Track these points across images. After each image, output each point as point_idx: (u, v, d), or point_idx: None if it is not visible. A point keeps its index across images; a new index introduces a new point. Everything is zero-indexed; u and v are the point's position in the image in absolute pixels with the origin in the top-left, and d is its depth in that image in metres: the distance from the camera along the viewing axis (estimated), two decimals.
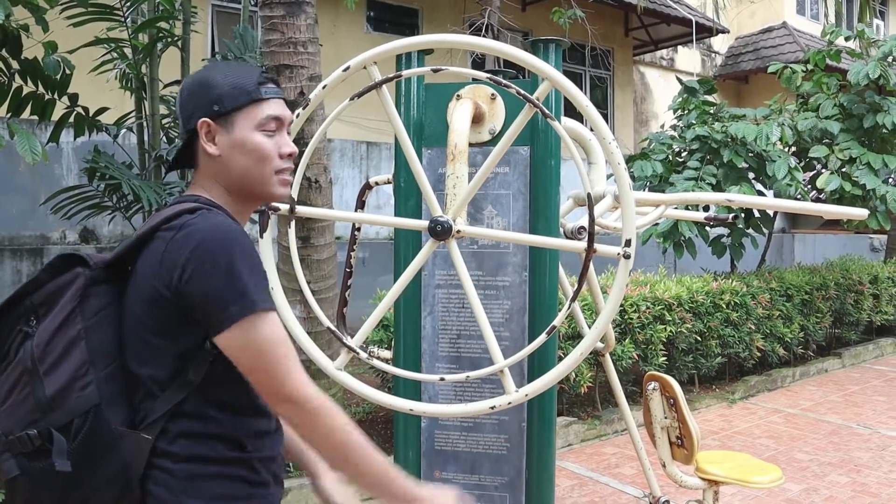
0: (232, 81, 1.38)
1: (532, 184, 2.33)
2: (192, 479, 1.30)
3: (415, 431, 2.48)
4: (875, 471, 4.70)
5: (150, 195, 4.25)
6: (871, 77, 6.94)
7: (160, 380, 1.31)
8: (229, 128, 1.37)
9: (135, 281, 1.33)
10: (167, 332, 1.30)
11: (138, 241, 1.32)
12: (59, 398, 1.24)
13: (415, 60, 2.39)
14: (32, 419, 1.24)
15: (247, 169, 1.39)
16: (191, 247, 1.25)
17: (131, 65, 4.85)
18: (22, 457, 1.25)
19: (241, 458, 1.34)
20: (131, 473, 1.28)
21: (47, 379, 1.25)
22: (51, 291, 1.31)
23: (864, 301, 8.10)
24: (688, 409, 2.85)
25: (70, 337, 1.27)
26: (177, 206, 1.34)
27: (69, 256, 1.34)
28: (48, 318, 1.29)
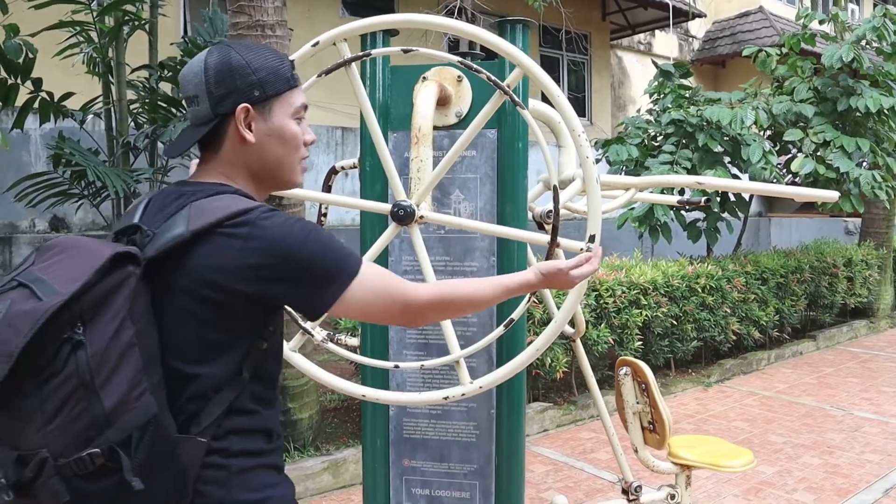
0: (270, 66, 1.34)
1: (500, 167, 2.28)
2: (242, 474, 1.30)
3: (383, 419, 2.44)
4: (847, 452, 4.75)
5: (117, 182, 4.16)
6: (844, 60, 6.97)
7: (218, 379, 1.28)
8: (266, 114, 1.34)
9: (187, 278, 1.25)
10: (234, 332, 1.28)
11: (193, 236, 1.24)
12: (117, 412, 1.15)
13: (380, 42, 2.33)
14: (88, 437, 1.14)
15: (280, 157, 1.38)
16: (278, 248, 1.25)
17: (97, 49, 4.73)
18: (77, 479, 1.14)
19: (272, 448, 1.37)
20: (188, 479, 1.25)
21: (104, 392, 1.14)
22: (102, 294, 1.17)
23: (838, 284, 8.17)
24: (659, 394, 2.84)
25: (124, 344, 1.17)
26: (227, 199, 1.29)
27: (123, 255, 1.21)
28: (100, 324, 1.16)
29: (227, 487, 1.28)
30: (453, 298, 1.40)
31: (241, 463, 1.30)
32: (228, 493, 1.28)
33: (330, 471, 4.11)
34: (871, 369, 7.10)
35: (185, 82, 1.36)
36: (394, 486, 2.47)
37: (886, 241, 9.38)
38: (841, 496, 4.03)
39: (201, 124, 1.35)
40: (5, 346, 1.10)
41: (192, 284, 1.25)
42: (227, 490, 1.28)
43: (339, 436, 4.57)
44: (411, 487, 2.47)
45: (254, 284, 1.25)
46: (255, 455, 1.33)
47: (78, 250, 1.22)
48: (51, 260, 1.21)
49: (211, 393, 1.27)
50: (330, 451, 4.30)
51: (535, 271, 1.51)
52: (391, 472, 2.47)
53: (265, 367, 1.35)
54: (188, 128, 1.38)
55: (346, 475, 4.14)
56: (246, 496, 1.30)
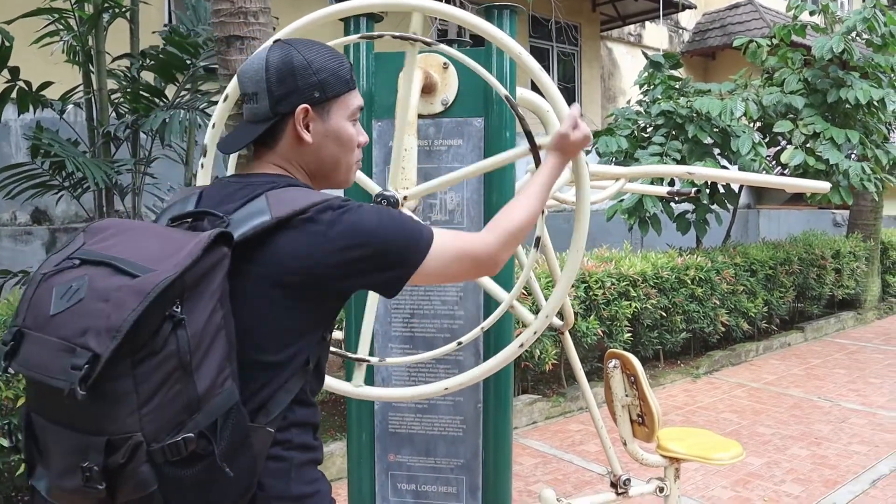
0: (332, 67, 1.34)
1: (487, 157, 2.23)
2: (302, 466, 1.31)
3: (368, 414, 2.40)
4: (834, 443, 4.75)
5: (97, 173, 4.08)
6: (834, 52, 6.95)
7: (289, 368, 1.27)
8: (325, 116, 1.35)
9: (266, 264, 1.23)
10: (310, 320, 1.28)
11: (277, 223, 1.23)
12: (207, 397, 1.12)
13: (363, 27, 2.28)
14: (179, 421, 1.10)
15: (336, 158, 1.39)
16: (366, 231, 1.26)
17: (76, 37, 4.63)
18: (168, 466, 1.09)
19: (318, 445, 1.38)
20: (256, 469, 1.22)
21: (197, 375, 1.11)
22: (203, 271, 1.14)
23: (826, 275, 8.19)
24: (648, 386, 2.81)
25: (216, 326, 1.14)
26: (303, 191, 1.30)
27: (222, 235, 1.18)
28: (199, 303, 1.13)
29: (287, 480, 1.28)
30: (516, 230, 1.43)
31: (299, 456, 1.31)
32: (288, 486, 1.28)
33: None
34: (858, 360, 7.12)
35: (244, 79, 1.35)
36: (379, 482, 2.44)
37: (874, 233, 9.40)
38: (828, 487, 4.03)
39: (259, 121, 1.34)
40: (106, 320, 1.05)
41: (273, 272, 1.23)
42: (287, 482, 1.28)
43: (326, 429, 4.52)
44: (397, 482, 2.44)
45: (340, 269, 1.25)
46: (308, 449, 1.33)
47: (142, 231, 1.20)
48: (109, 241, 1.17)
49: (280, 381, 1.26)
50: None
51: (550, 152, 1.59)
52: (377, 468, 2.43)
53: (323, 360, 1.37)
54: (244, 124, 1.38)
55: (332, 469, 4.10)
56: (301, 489, 1.31)
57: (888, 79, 7.46)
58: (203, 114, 4.51)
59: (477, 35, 1.76)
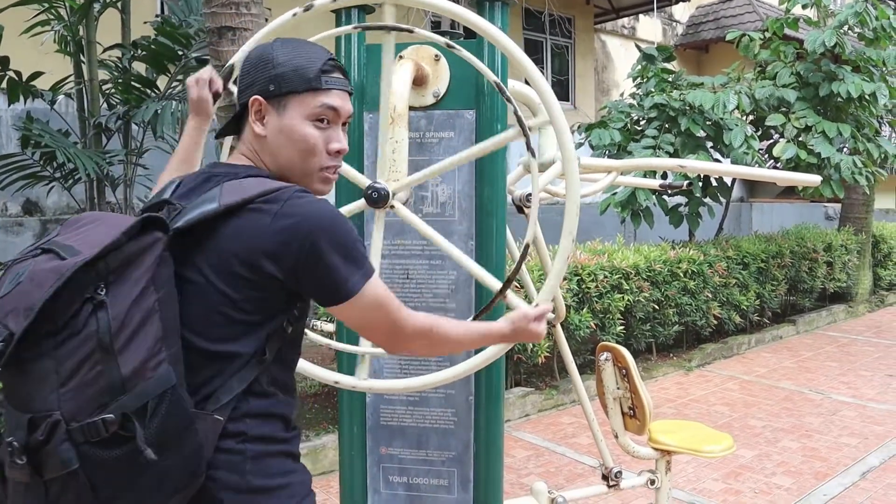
0: (295, 64, 1.32)
1: None
2: (258, 459, 1.28)
3: (360, 406, 2.39)
4: (825, 435, 4.77)
5: (88, 163, 4.06)
6: (827, 45, 6.96)
7: (239, 357, 1.25)
8: (280, 111, 1.33)
9: (214, 253, 1.23)
10: (261, 310, 1.26)
11: (226, 210, 1.22)
12: (133, 378, 1.12)
13: (355, 19, 2.26)
14: (101, 402, 1.10)
15: (290, 159, 1.34)
16: (307, 228, 1.23)
17: (67, 27, 4.60)
18: (88, 445, 1.10)
19: (291, 437, 1.35)
20: (202, 457, 1.21)
21: (122, 357, 1.11)
22: (129, 255, 1.15)
23: (818, 269, 8.22)
24: (640, 379, 2.82)
25: (146, 309, 1.15)
26: (259, 180, 1.29)
27: (151, 220, 1.20)
28: (124, 286, 1.14)
29: (241, 473, 1.26)
30: (441, 335, 1.41)
31: (257, 448, 1.28)
32: (243, 479, 1.25)
33: (309, 457, 4.06)
34: (849, 353, 7.16)
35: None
36: (371, 474, 2.44)
37: (865, 227, 9.43)
38: (819, 479, 4.05)
39: (237, 111, 1.38)
40: (26, 300, 1.09)
41: (220, 260, 1.23)
42: (241, 475, 1.25)
43: (318, 421, 4.52)
44: (389, 475, 2.44)
45: (278, 263, 1.23)
46: (272, 441, 1.30)
47: (104, 220, 1.23)
48: (78, 231, 1.21)
49: (232, 371, 1.25)
50: (309, 437, 4.25)
51: (507, 321, 1.57)
52: (368, 460, 2.43)
53: (287, 352, 1.34)
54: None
55: (325, 461, 4.10)
56: (263, 482, 1.28)
57: (880, 73, 7.47)
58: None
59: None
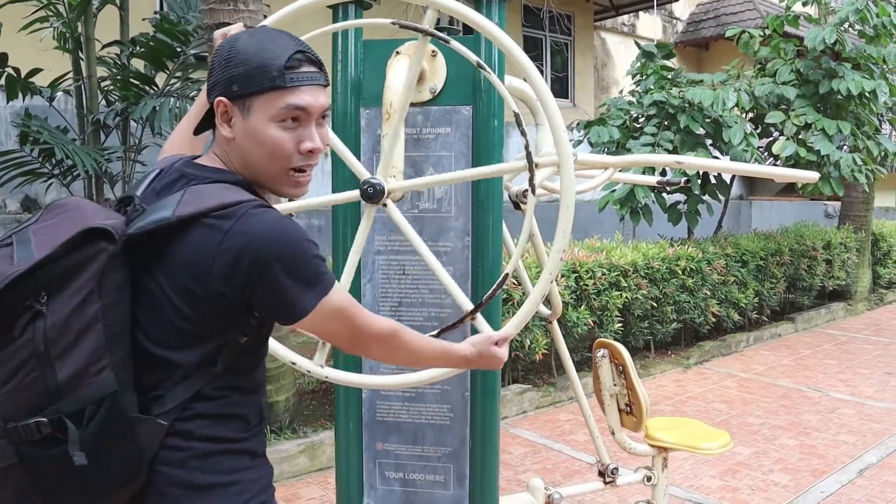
0: (258, 61, 1.23)
1: (474, 145, 2.23)
2: (206, 457, 1.27)
3: (356, 402, 2.40)
4: (823, 433, 4.77)
5: (87, 160, 4.06)
6: (827, 42, 6.95)
7: (186, 366, 1.25)
8: (245, 112, 1.25)
9: (168, 263, 1.21)
10: (211, 325, 1.24)
11: (180, 221, 1.19)
12: (70, 385, 1.14)
13: (352, 15, 2.26)
14: (37, 405, 1.14)
15: (259, 162, 1.27)
16: (256, 249, 1.19)
17: (66, 23, 4.60)
18: (25, 445, 1.14)
19: (248, 436, 1.34)
20: (143, 459, 1.23)
21: (59, 363, 1.13)
22: (69, 266, 1.15)
23: (817, 266, 8.21)
24: (637, 376, 2.82)
25: (87, 318, 1.15)
26: (220, 188, 1.25)
27: (94, 231, 1.17)
28: (64, 296, 1.14)
29: (185, 468, 1.26)
30: (401, 342, 1.41)
31: (204, 447, 1.27)
32: (189, 474, 1.26)
33: (307, 453, 4.07)
34: (848, 351, 7.16)
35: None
36: (367, 470, 2.44)
37: (865, 225, 9.43)
38: (816, 477, 4.05)
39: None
40: None
41: (170, 272, 1.21)
42: (186, 471, 1.26)
43: (316, 418, 4.53)
44: (385, 471, 2.44)
45: (226, 282, 1.20)
46: (224, 441, 1.29)
47: (72, 214, 1.20)
48: (50, 220, 1.20)
49: (179, 378, 1.25)
50: (307, 433, 4.26)
51: (469, 344, 1.58)
52: (364, 456, 2.43)
53: (243, 360, 1.32)
54: None
55: (322, 458, 4.10)
56: (210, 479, 1.27)
57: (880, 70, 7.46)
58: (193, 102, 4.49)
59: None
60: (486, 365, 1.60)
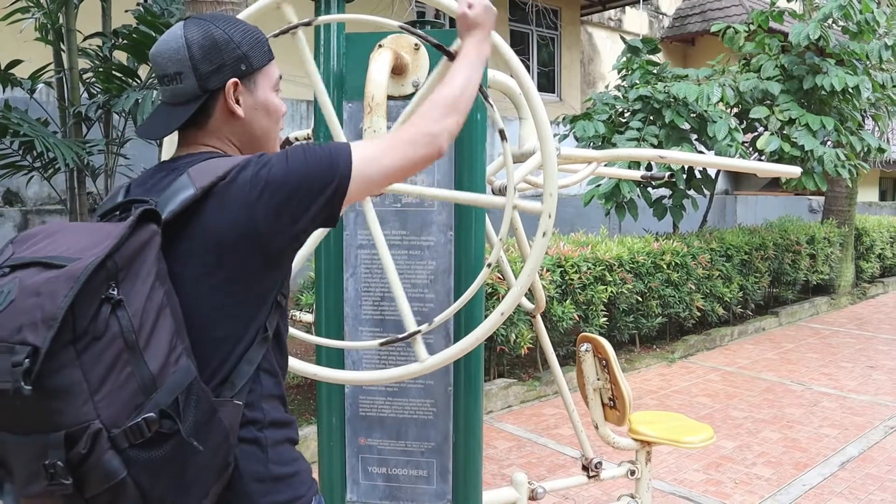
0: (252, 39, 1.33)
1: (457, 140, 2.22)
2: (275, 447, 1.29)
3: (338, 397, 2.38)
4: (806, 426, 4.81)
5: (68, 153, 4.01)
6: (811, 38, 6.99)
7: (246, 339, 1.25)
8: (252, 88, 1.34)
9: (200, 240, 1.22)
10: (256, 286, 1.25)
11: (203, 193, 1.21)
12: (162, 375, 1.10)
13: (335, 8, 2.24)
14: (137, 403, 1.08)
15: (266, 130, 1.38)
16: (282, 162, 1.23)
17: (47, 14, 4.54)
18: (133, 449, 1.07)
19: (291, 420, 1.36)
20: (231, 444, 1.21)
21: (147, 354, 1.09)
22: (133, 250, 1.12)
23: (801, 261, 8.27)
24: (620, 370, 2.82)
25: (158, 303, 1.13)
26: (223, 159, 1.28)
27: (147, 212, 1.16)
28: (135, 283, 1.11)
29: (263, 462, 1.27)
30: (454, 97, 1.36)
31: (272, 435, 1.29)
32: (266, 468, 1.27)
33: None
34: (830, 345, 7.22)
35: (162, 60, 1.30)
36: (350, 465, 2.43)
37: (848, 219, 9.51)
38: (799, 470, 4.08)
39: (185, 102, 1.30)
40: (40, 312, 1.02)
41: (209, 243, 1.21)
42: (264, 464, 1.27)
43: (300, 412, 4.51)
44: (368, 466, 2.43)
45: (274, 221, 1.22)
46: (282, 426, 1.32)
47: (74, 228, 1.16)
48: (38, 245, 1.13)
49: (239, 353, 1.25)
50: None
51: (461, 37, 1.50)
52: (347, 451, 2.42)
53: (281, 326, 1.35)
54: (167, 107, 1.33)
55: (306, 452, 4.09)
56: (280, 469, 1.29)
57: (863, 66, 7.51)
58: None
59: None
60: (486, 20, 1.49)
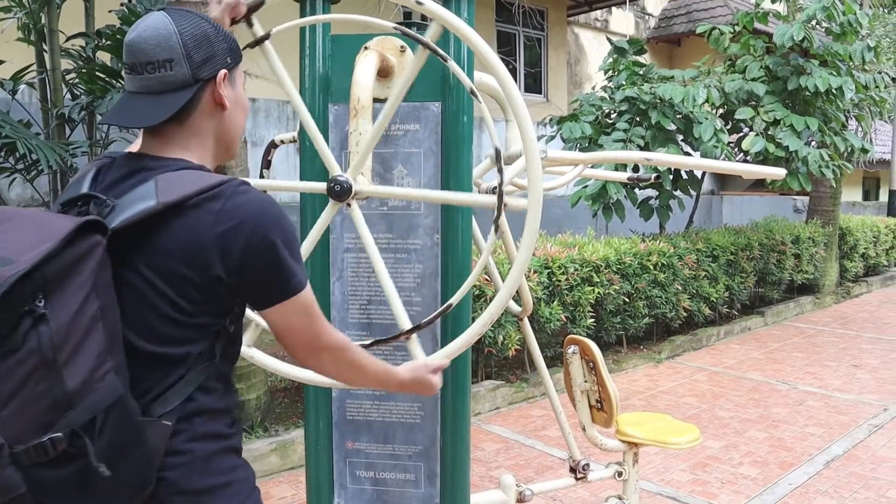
0: (227, 35, 1.32)
1: (444, 141, 2.21)
2: (207, 459, 1.25)
3: (325, 401, 2.37)
4: (791, 426, 4.84)
5: (51, 155, 3.98)
6: (795, 39, 7.03)
7: (189, 359, 1.22)
8: (232, 82, 1.33)
9: (155, 254, 1.17)
10: (207, 311, 1.22)
11: (165, 209, 1.16)
12: (80, 392, 1.06)
13: (320, 9, 2.23)
14: (47, 420, 1.05)
15: (240, 125, 1.38)
16: (254, 224, 1.20)
17: (29, 14, 4.50)
18: (36, 468, 1.05)
19: (235, 431, 1.33)
20: (153, 465, 1.18)
21: (67, 371, 1.05)
22: (68, 263, 1.07)
23: (786, 261, 8.33)
24: (607, 372, 2.83)
25: (89, 318, 1.08)
26: (195, 174, 1.22)
27: (91, 224, 1.11)
28: (65, 296, 1.06)
29: (189, 473, 1.23)
30: (351, 357, 1.39)
31: (205, 447, 1.25)
32: (190, 480, 1.23)
33: (278, 452, 4.03)
34: (815, 344, 7.27)
35: (148, 47, 1.23)
36: (337, 469, 2.42)
37: (832, 219, 9.58)
38: (784, 469, 4.11)
39: (173, 90, 1.24)
40: None
41: (162, 261, 1.17)
42: (187, 476, 1.23)
43: (288, 416, 4.49)
44: (355, 469, 2.42)
45: (223, 263, 1.19)
46: (220, 438, 1.28)
47: (24, 219, 1.12)
48: None
49: (180, 373, 1.21)
50: (279, 431, 4.23)
51: (407, 370, 1.57)
52: (335, 455, 2.41)
53: (231, 349, 1.32)
54: (146, 97, 1.25)
55: (294, 456, 4.07)
56: (210, 481, 1.25)
57: (846, 67, 7.57)
58: None
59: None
60: (418, 391, 1.61)
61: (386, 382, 1.55)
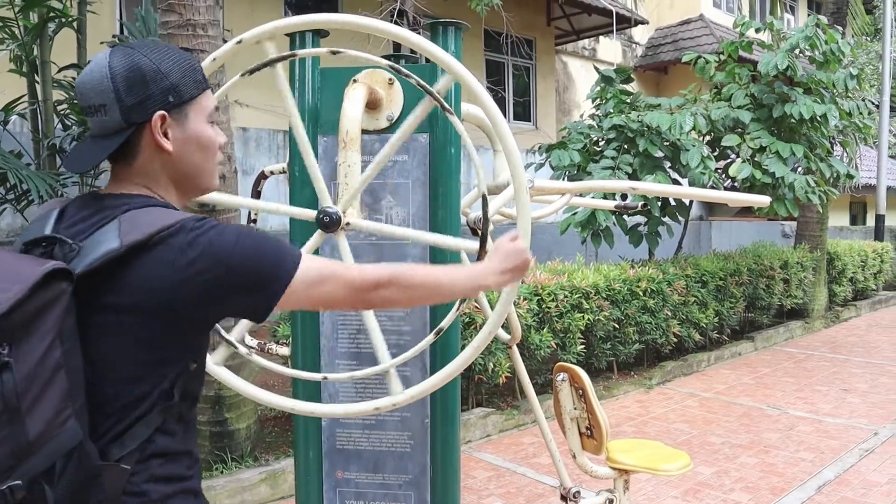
0: (182, 69, 1.26)
1: (432, 172, 2.24)
2: (163, 501, 1.23)
3: (315, 430, 2.37)
4: (783, 451, 4.84)
5: (41, 185, 3.99)
6: (779, 68, 7.15)
7: (148, 400, 1.20)
8: (183, 121, 1.27)
9: (120, 295, 1.17)
10: (171, 348, 1.22)
11: (129, 250, 1.15)
12: (41, 439, 1.06)
13: (309, 43, 2.27)
14: (7, 467, 1.04)
15: (199, 163, 1.32)
16: (217, 251, 1.18)
17: (21, 46, 4.54)
18: None
19: (193, 473, 1.31)
20: None
21: (29, 418, 1.05)
22: (34, 310, 1.07)
23: (775, 286, 8.38)
24: (597, 399, 2.83)
25: (52, 365, 1.08)
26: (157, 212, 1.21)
27: (57, 271, 1.11)
28: (30, 343, 1.06)
29: None
30: (407, 278, 1.34)
31: (161, 489, 1.23)
32: None
33: (268, 482, 4.00)
34: (805, 369, 7.29)
35: (85, 90, 1.24)
36: (328, 499, 2.41)
37: (820, 244, 9.66)
38: (776, 495, 4.10)
39: (110, 135, 1.24)
40: None
41: (126, 302, 1.17)
42: None
43: (278, 445, 4.46)
44: (345, 499, 2.41)
45: (196, 296, 1.18)
46: (177, 480, 1.26)
47: None
48: None
49: (139, 415, 1.20)
50: (269, 461, 4.20)
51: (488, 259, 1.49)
52: (325, 485, 2.40)
53: (192, 388, 1.30)
54: (91, 140, 1.26)
55: (284, 486, 4.04)
56: None
57: (830, 94, 7.69)
58: None
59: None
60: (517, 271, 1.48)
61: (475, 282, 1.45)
